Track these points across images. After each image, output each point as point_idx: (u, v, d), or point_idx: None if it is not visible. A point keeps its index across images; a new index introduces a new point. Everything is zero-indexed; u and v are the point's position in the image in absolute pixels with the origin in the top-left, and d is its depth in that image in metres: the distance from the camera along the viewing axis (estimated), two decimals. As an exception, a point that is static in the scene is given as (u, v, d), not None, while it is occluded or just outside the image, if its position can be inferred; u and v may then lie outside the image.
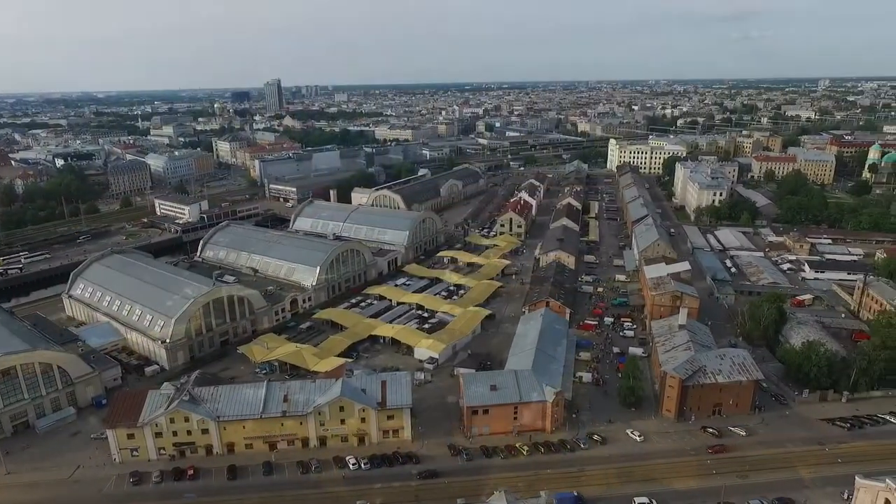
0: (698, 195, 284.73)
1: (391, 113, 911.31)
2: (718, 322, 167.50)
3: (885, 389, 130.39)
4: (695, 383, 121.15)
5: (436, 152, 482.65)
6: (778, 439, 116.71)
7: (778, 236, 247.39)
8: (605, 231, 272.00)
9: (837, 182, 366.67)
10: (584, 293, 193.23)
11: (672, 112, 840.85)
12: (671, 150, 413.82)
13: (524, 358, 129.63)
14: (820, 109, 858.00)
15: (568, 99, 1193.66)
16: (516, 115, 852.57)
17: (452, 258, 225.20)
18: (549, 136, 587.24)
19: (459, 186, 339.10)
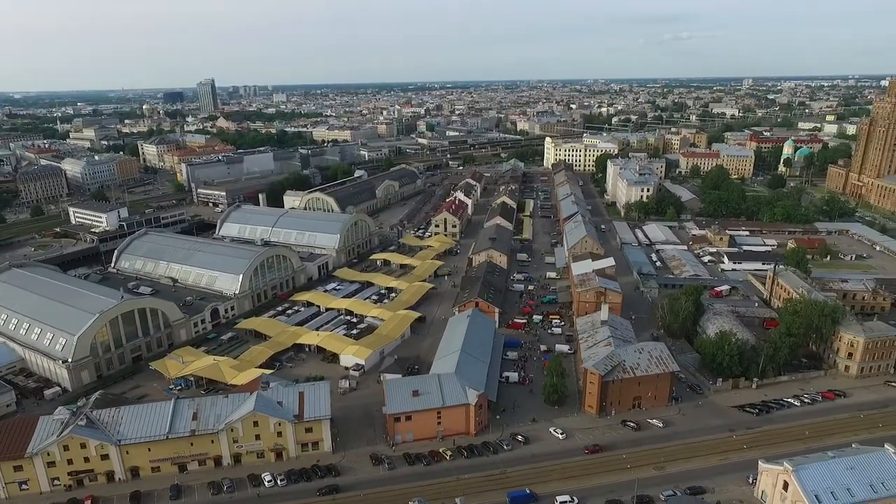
0: (627, 191, 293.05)
1: (331, 113, 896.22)
2: (643, 316, 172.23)
3: (790, 374, 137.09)
4: (614, 378, 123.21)
5: (374, 153, 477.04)
6: (693, 429, 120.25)
7: (701, 230, 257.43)
8: (538, 229, 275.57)
9: (756, 176, 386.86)
10: (516, 292, 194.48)
11: (608, 110, 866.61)
12: (604, 148, 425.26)
13: (449, 361, 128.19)
14: (743, 107, 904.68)
15: (509, 98, 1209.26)
16: (457, 114, 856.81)
17: (385, 261, 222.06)
18: (489, 135, 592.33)
19: (396, 187, 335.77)
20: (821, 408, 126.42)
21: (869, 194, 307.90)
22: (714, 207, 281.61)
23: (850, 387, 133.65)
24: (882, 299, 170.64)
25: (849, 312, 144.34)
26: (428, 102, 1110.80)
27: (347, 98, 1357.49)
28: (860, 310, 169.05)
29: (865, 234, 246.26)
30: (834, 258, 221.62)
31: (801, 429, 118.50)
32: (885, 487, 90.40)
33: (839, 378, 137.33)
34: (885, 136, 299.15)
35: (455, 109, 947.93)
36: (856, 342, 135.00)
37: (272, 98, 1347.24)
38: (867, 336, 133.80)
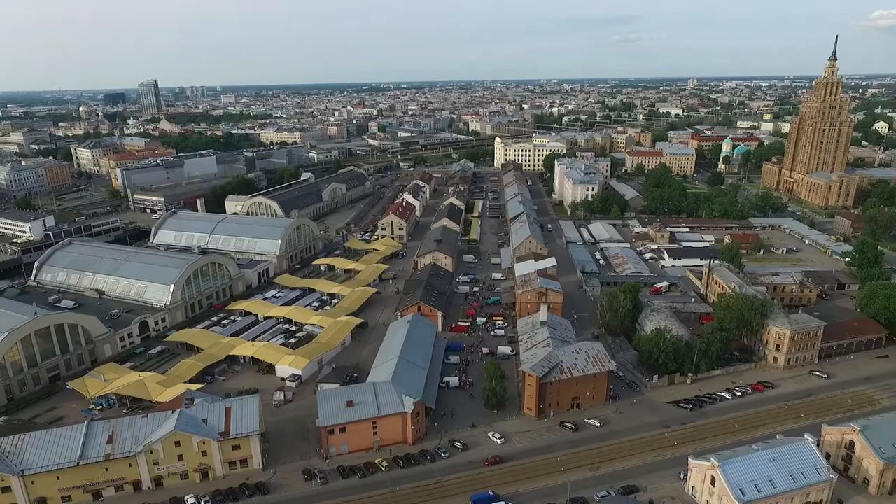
0: (573, 190, 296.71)
1: (281, 115, 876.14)
2: (586, 314, 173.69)
3: (723, 368, 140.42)
4: (552, 380, 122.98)
5: (324, 155, 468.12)
6: (629, 427, 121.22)
7: (643, 227, 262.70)
8: (487, 229, 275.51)
9: (697, 173, 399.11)
10: (461, 294, 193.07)
11: (558, 110, 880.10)
12: (552, 148, 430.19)
13: (386, 369, 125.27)
14: (687, 107, 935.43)
15: (462, 98, 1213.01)
16: (410, 115, 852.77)
17: (329, 266, 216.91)
18: (441, 136, 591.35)
19: (343, 190, 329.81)
20: (751, 400, 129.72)
21: (800, 190, 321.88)
22: (656, 205, 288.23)
23: (778, 378, 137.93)
24: (808, 291, 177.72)
25: (777, 306, 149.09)
26: (381, 103, 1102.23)
27: (299, 99, 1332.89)
28: (789, 302, 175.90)
29: (796, 228, 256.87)
30: (767, 252, 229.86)
31: (731, 422, 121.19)
32: (804, 477, 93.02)
33: (768, 370, 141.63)
34: (812, 134, 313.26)
35: (408, 110, 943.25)
36: (783, 334, 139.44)
37: (220, 99, 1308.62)
38: (793, 328, 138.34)
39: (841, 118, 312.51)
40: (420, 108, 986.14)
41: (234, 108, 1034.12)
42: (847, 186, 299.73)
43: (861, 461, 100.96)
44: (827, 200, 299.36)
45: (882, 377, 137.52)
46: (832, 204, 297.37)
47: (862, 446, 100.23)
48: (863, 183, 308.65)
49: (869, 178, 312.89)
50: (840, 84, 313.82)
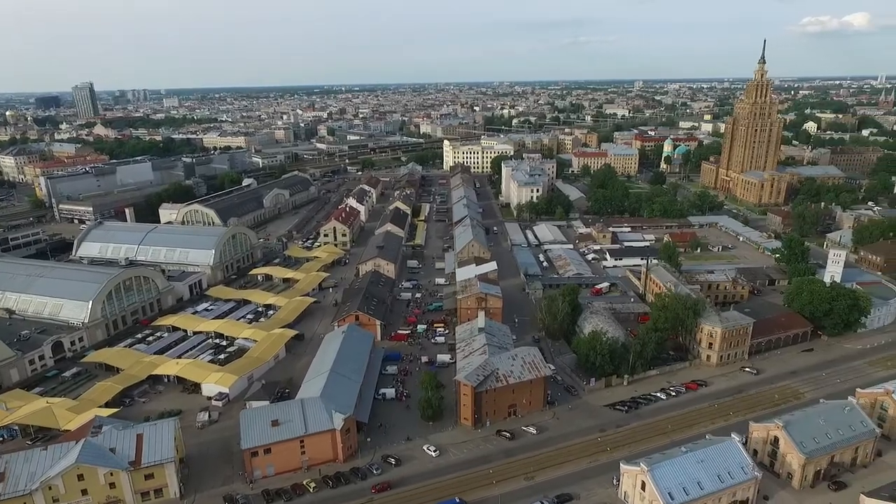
0: (518, 192, 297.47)
1: (227, 119, 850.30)
2: (527, 318, 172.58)
3: (659, 368, 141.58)
4: (488, 388, 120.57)
5: (269, 159, 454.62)
6: (566, 432, 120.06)
7: (587, 228, 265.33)
8: (433, 233, 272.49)
9: (641, 173, 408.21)
10: (403, 300, 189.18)
11: (509, 112, 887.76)
12: (500, 150, 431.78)
13: (316, 384, 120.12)
14: (633, 108, 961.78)
15: (415, 101, 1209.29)
16: (361, 117, 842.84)
17: (267, 275, 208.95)
18: (390, 139, 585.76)
19: (286, 196, 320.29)
20: (685, 399, 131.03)
21: (735, 188, 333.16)
22: (600, 205, 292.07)
23: (710, 375, 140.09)
24: (741, 288, 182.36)
25: (709, 304, 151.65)
26: (332, 106, 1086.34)
27: (247, 102, 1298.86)
28: (723, 299, 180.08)
29: (731, 225, 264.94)
30: (703, 250, 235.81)
31: (665, 422, 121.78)
32: (730, 476, 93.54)
33: (702, 368, 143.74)
34: (745, 134, 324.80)
35: (359, 113, 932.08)
36: (714, 333, 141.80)
37: (163, 103, 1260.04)
38: (724, 326, 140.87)
39: (771, 119, 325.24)
40: (371, 110, 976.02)
41: (178, 112, 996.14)
42: (778, 184, 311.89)
43: (785, 456, 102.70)
44: (760, 198, 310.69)
45: (807, 370, 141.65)
46: (765, 201, 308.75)
47: (785, 442, 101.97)
48: (793, 181, 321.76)
49: (798, 176, 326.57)
50: (769, 86, 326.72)
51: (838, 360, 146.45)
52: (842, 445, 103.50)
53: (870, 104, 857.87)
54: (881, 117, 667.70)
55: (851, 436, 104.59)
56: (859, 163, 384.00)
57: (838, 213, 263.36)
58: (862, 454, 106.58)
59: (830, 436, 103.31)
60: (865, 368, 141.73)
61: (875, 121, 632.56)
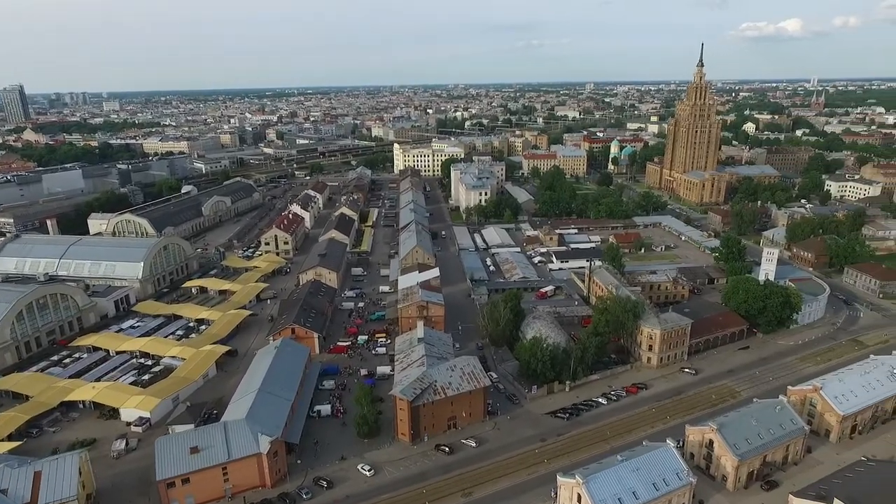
0: (466, 195, 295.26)
1: (171, 123, 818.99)
2: (472, 325, 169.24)
3: (600, 372, 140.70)
4: (425, 402, 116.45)
5: (212, 165, 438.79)
6: (506, 443, 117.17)
7: (535, 230, 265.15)
8: (380, 239, 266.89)
9: (589, 174, 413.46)
10: (345, 310, 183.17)
11: (462, 114, 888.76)
12: (451, 152, 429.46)
13: (242, 405, 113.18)
14: (584, 110, 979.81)
15: (368, 104, 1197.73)
16: (312, 121, 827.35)
17: (202, 287, 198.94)
18: (341, 143, 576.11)
19: (228, 203, 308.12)
20: (625, 403, 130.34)
21: (678, 188, 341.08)
22: (547, 207, 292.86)
23: (651, 378, 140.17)
24: (682, 288, 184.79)
25: (649, 306, 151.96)
26: (282, 109, 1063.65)
27: (194, 105, 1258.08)
28: (664, 299, 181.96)
29: (674, 225, 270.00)
30: (647, 250, 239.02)
31: (606, 428, 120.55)
32: (665, 484, 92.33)
33: (643, 370, 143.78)
34: (686, 135, 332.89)
35: (310, 116, 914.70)
36: (654, 334, 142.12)
37: (103, 106, 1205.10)
38: (663, 328, 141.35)
39: (710, 120, 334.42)
40: (323, 114, 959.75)
41: (118, 116, 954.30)
42: (718, 184, 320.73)
43: (719, 459, 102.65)
44: (702, 198, 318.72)
45: (743, 369, 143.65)
46: (706, 200, 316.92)
47: (719, 445, 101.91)
48: (732, 180, 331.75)
49: (737, 176, 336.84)
50: (708, 88, 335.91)
51: (772, 357, 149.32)
52: (773, 445, 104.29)
53: (803, 106, 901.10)
54: (813, 118, 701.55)
55: (782, 434, 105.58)
56: (793, 162, 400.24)
57: (773, 212, 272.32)
58: (792, 452, 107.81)
59: (762, 436, 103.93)
60: (797, 365, 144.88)
61: (808, 122, 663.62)
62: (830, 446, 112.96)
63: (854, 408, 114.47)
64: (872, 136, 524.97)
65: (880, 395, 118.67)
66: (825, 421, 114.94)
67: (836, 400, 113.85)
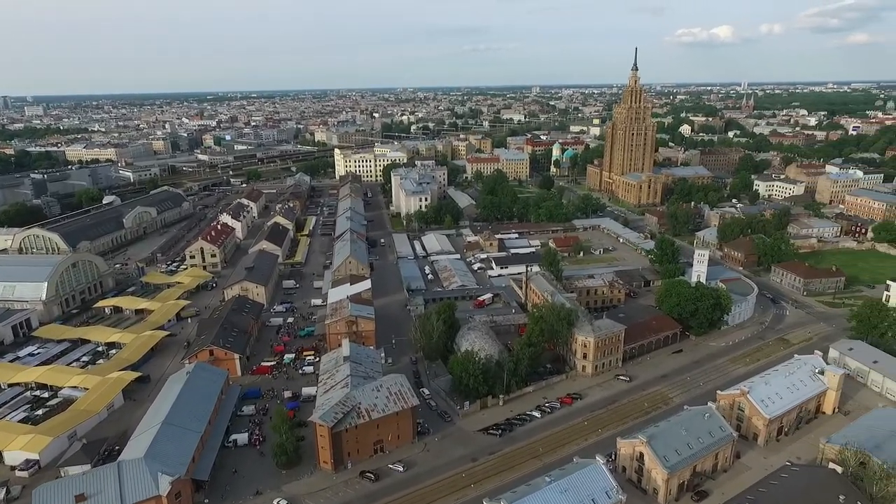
0: (406, 201, 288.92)
1: (100, 129, 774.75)
2: (407, 338, 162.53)
3: (535, 383, 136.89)
4: (348, 426, 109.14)
5: (140, 173, 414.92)
6: (436, 466, 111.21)
7: (476, 236, 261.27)
8: (317, 248, 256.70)
9: (532, 178, 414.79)
10: (273, 326, 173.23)
11: (409, 118, 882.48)
12: (394, 157, 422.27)
13: (142, 441, 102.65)
14: (529, 113, 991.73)
15: (313, 108, 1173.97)
16: (252, 125, 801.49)
17: (116, 307, 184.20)
18: (281, 148, 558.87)
19: (153, 213, 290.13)
20: (559, 415, 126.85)
21: (617, 190, 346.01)
22: (488, 212, 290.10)
23: (586, 387, 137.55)
24: (618, 292, 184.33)
25: (582, 313, 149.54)
26: (222, 114, 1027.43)
27: (127, 110, 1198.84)
28: (601, 304, 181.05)
29: (612, 227, 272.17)
30: (586, 253, 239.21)
31: (538, 444, 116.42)
32: None
33: (578, 379, 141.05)
34: (623, 137, 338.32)
35: (251, 121, 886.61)
36: (588, 342, 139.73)
37: (25, 111, 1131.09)
38: (597, 335, 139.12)
39: (646, 123, 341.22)
40: (265, 118, 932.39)
41: (41, 122, 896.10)
42: (654, 185, 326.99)
43: (650, 472, 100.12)
44: (639, 199, 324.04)
45: (676, 373, 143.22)
46: (644, 202, 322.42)
47: (649, 458, 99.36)
48: (668, 181, 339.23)
49: (672, 177, 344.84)
50: (643, 91, 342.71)
51: (704, 359, 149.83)
52: (703, 454, 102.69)
53: (734, 108, 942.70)
54: (743, 120, 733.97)
55: (711, 443, 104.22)
56: (725, 163, 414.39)
57: (706, 212, 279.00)
58: (722, 459, 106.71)
59: (692, 446, 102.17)
60: (728, 366, 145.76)
61: (739, 123, 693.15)
62: (758, 450, 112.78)
63: (780, 410, 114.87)
64: (796, 136, 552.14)
65: (804, 395, 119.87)
66: (753, 425, 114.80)
67: (762, 403, 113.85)
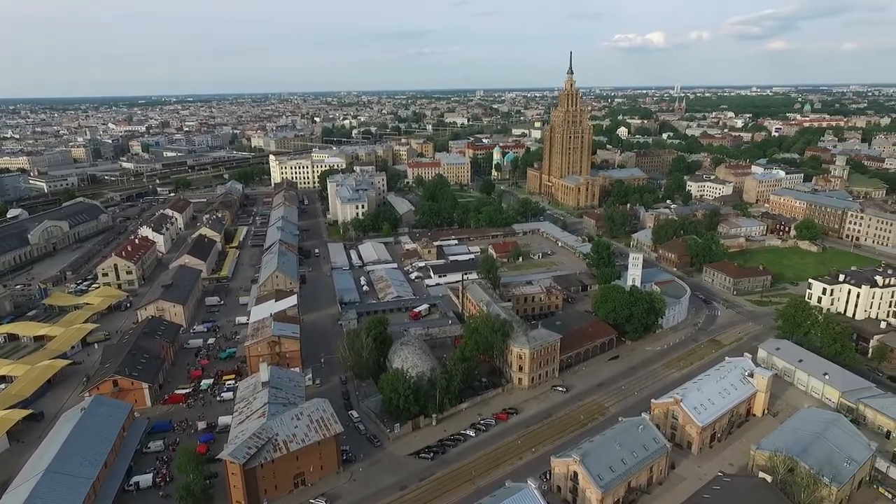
0: (342, 209, 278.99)
1: (13, 135, 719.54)
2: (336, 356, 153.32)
3: (471, 399, 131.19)
4: (264, 461, 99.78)
5: (55, 183, 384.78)
6: (363, 497, 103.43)
7: (414, 243, 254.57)
8: (246, 261, 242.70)
9: (474, 182, 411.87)
10: (192, 349, 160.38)
11: (351, 123, 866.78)
12: (332, 163, 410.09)
13: (20, 494, 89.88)
14: (472, 116, 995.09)
15: (252, 112, 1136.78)
16: (185, 131, 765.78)
17: (11, 335, 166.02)
18: (214, 155, 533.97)
19: (65, 228, 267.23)
20: (495, 433, 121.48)
21: (557, 193, 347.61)
22: (428, 218, 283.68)
23: (522, 400, 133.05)
24: (555, 298, 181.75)
25: (518, 323, 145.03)
26: (153, 119, 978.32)
27: (47, 115, 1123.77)
28: (539, 311, 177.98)
29: (551, 231, 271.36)
30: (525, 258, 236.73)
31: (471, 466, 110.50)
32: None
33: (515, 392, 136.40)
34: (561, 140, 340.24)
35: (183, 126, 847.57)
36: (523, 354, 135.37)
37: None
38: (532, 346, 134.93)
39: (583, 126, 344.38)
40: (199, 123, 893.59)
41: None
42: (592, 188, 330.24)
43: (584, 492, 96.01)
44: (578, 202, 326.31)
45: (612, 380, 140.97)
46: (582, 204, 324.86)
47: (583, 477, 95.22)
48: (605, 183, 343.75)
49: (609, 179, 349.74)
50: (579, 94, 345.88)
51: (640, 365, 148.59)
52: (637, 469, 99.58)
53: (668, 111, 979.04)
54: (676, 122, 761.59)
55: (646, 456, 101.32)
56: (659, 164, 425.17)
57: (642, 213, 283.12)
58: (656, 472, 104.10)
59: (626, 461, 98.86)
60: (663, 372, 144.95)
61: (672, 125, 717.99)
62: (692, 459, 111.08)
63: (713, 416, 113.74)
64: (725, 138, 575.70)
65: (735, 399, 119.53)
66: (686, 433, 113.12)
67: (695, 411, 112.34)
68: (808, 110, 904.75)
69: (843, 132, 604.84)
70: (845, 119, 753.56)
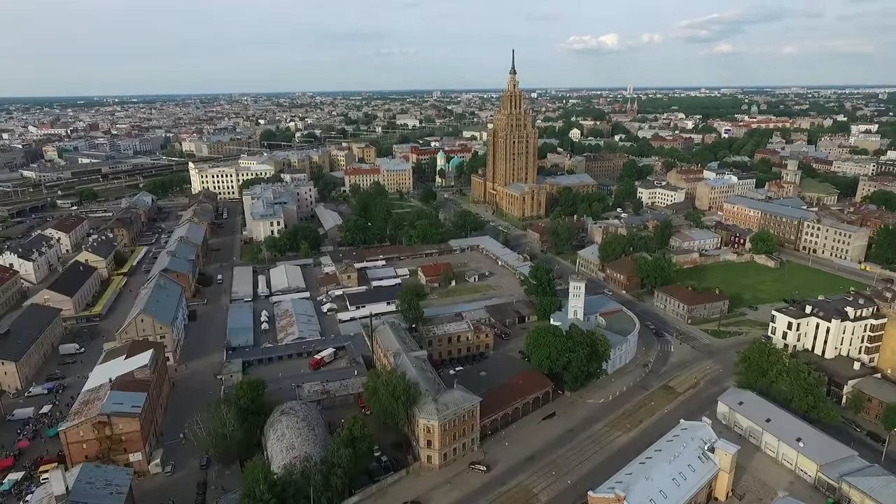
0: (253, 226, 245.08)
1: None
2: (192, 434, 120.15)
3: (362, 491, 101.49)
4: None
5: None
6: None
7: (334, 265, 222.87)
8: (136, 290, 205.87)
9: (417, 189, 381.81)
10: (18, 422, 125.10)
11: (296, 125, 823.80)
12: (259, 171, 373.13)
13: None
14: (425, 118, 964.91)
15: (194, 114, 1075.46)
16: (113, 134, 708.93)
17: None
18: (134, 161, 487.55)
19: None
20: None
21: (501, 202, 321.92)
22: (355, 235, 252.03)
23: (431, 486, 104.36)
24: (485, 336, 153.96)
25: (427, 385, 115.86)
26: (81, 121, 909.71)
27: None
28: (467, 352, 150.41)
29: (491, 248, 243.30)
30: (459, 281, 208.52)
31: None
32: None
33: (423, 475, 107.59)
34: (505, 146, 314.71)
35: (112, 129, 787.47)
36: (431, 427, 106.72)
37: None
38: (441, 418, 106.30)
39: (527, 130, 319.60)
40: (130, 125, 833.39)
41: None
42: (538, 196, 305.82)
43: None
44: (524, 212, 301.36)
45: (545, 451, 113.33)
46: (528, 215, 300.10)
47: None
48: (552, 191, 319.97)
49: (557, 186, 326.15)
50: (522, 96, 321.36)
51: (579, 425, 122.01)
52: None
53: (621, 112, 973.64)
54: (628, 123, 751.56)
55: None
56: (609, 169, 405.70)
57: (590, 226, 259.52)
58: None
59: None
60: (607, 435, 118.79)
61: (624, 127, 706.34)
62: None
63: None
64: (676, 140, 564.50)
65: (692, 486, 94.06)
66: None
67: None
68: (755, 111, 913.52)
69: (789, 134, 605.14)
70: (790, 120, 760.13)
